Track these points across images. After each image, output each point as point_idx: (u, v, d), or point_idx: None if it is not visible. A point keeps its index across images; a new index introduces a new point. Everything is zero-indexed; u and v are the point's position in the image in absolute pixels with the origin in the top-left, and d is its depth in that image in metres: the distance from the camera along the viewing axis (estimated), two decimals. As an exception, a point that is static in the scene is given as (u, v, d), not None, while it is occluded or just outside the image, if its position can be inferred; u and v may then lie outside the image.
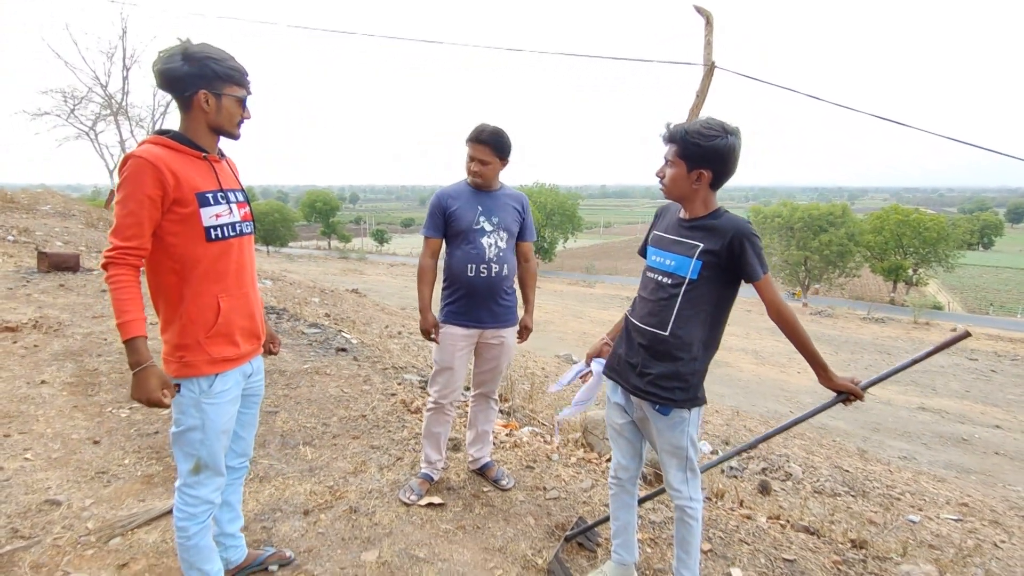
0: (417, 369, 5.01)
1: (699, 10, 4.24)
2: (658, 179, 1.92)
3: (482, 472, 2.97)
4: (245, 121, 1.76)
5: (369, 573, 2.18)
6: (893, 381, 17.86)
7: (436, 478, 2.88)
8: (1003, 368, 20.37)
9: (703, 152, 1.78)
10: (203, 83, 1.63)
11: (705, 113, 4.46)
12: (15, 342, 4.28)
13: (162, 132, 1.69)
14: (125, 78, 18.29)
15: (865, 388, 1.85)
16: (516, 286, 2.84)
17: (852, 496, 5.55)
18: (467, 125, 2.74)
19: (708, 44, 4.22)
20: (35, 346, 4.25)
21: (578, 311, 26.51)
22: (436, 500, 2.71)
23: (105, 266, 1.57)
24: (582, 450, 3.51)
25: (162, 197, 1.58)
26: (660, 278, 1.93)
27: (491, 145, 2.59)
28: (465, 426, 3.26)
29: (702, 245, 1.83)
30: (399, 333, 8.52)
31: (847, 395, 1.84)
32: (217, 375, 1.73)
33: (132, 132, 18.78)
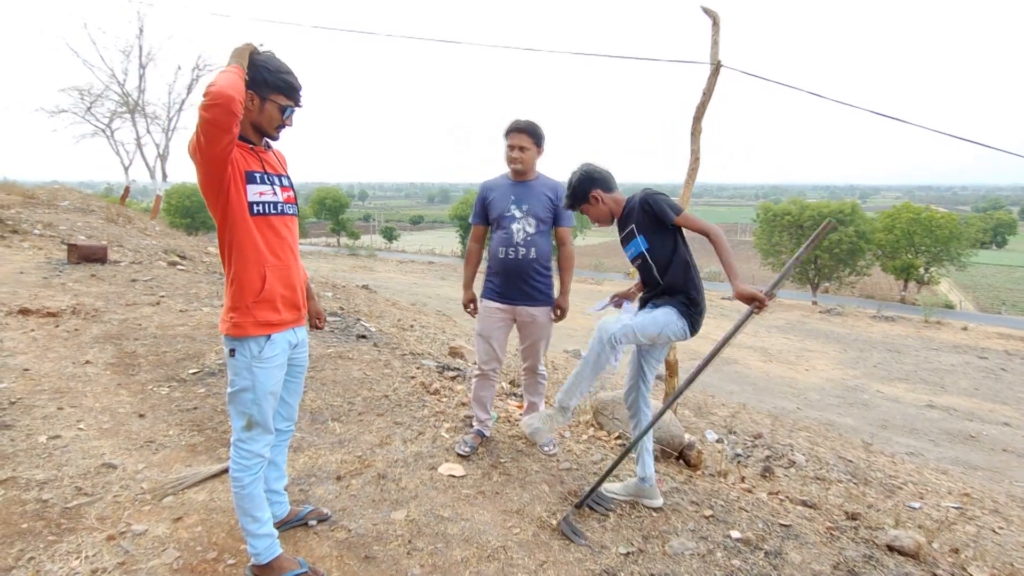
0: (433, 356, 5.22)
1: (706, 11, 4.42)
2: (597, 224, 2.66)
3: None
4: (286, 128, 1.99)
5: (399, 529, 2.40)
6: (902, 379, 17.87)
7: (488, 434, 3.27)
8: (1013, 366, 20.30)
9: (578, 191, 2.59)
10: (252, 85, 1.86)
11: (712, 111, 4.63)
12: (57, 326, 4.54)
13: None
14: (141, 76, 18.57)
15: (768, 294, 2.17)
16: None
17: (854, 483, 5.70)
18: (480, 123, 3.08)
19: (715, 44, 4.39)
20: (76, 330, 4.51)
21: (582, 308, 26.65)
22: (457, 471, 2.93)
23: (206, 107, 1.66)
24: (592, 429, 3.72)
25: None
26: (636, 262, 2.58)
27: (527, 132, 2.92)
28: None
29: (633, 226, 2.53)
30: (411, 326, 8.75)
31: (757, 304, 2.18)
32: (267, 341, 1.95)
33: (148, 129, 19.12)
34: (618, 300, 2.80)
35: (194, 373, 3.92)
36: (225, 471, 2.66)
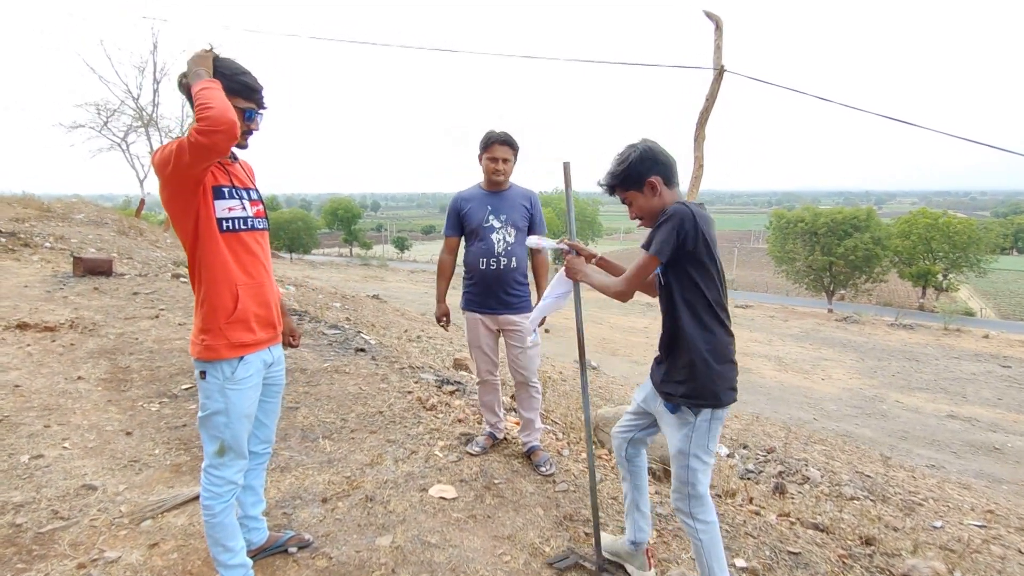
0: (434, 369, 5.12)
1: (709, 15, 4.31)
2: (639, 221, 2.03)
3: (528, 456, 3.21)
4: (253, 133, 1.90)
5: (383, 557, 2.28)
6: (921, 389, 17.40)
7: (500, 436, 3.31)
8: (1038, 375, 19.71)
9: (634, 170, 1.95)
10: None
11: (718, 117, 4.51)
12: (54, 341, 4.51)
13: None
14: (155, 91, 18.85)
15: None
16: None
17: (871, 501, 5.48)
18: (484, 130, 2.99)
19: (718, 48, 4.28)
20: (72, 345, 4.47)
21: (598, 317, 26.41)
22: (449, 492, 2.81)
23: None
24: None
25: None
26: None
27: (510, 144, 2.93)
28: (478, 421, 3.42)
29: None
30: (418, 337, 8.66)
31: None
32: (240, 362, 1.85)
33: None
34: (567, 246, 2.23)
35: (186, 389, 3.85)
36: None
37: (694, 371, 1.88)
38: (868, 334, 26.87)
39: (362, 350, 5.17)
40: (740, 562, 2.41)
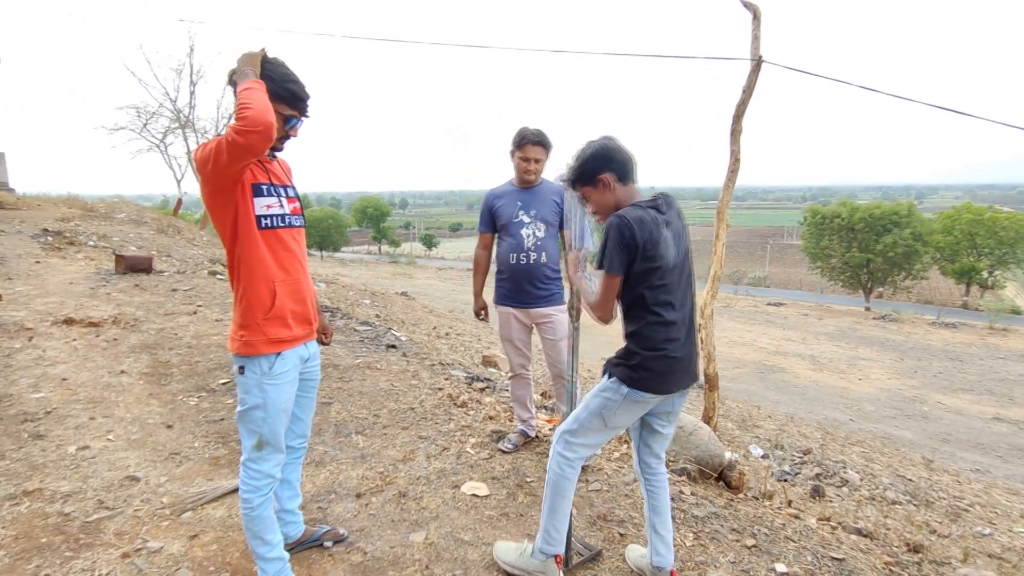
0: (464, 366, 5.13)
1: (746, 4, 4.20)
2: (596, 216, 2.11)
3: None
4: (291, 138, 1.92)
5: (417, 553, 2.29)
6: (965, 390, 16.77)
7: (532, 434, 3.32)
8: (1091, 377, 18.78)
9: (586, 168, 2.02)
10: None
11: (753, 109, 4.40)
12: (98, 336, 4.66)
13: None
14: (192, 93, 19.31)
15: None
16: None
17: (914, 505, 5.30)
18: (515, 129, 3.00)
19: (755, 39, 4.17)
20: (115, 340, 4.61)
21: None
22: (481, 490, 2.80)
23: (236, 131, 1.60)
24: (626, 445, 3.53)
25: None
26: None
27: (543, 144, 2.96)
28: (511, 420, 3.41)
29: None
30: (447, 334, 8.70)
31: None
32: (277, 357, 1.87)
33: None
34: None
35: (224, 383, 3.94)
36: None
37: (626, 352, 2.00)
38: (908, 333, 25.96)
39: (393, 346, 5.21)
40: (781, 567, 2.34)
